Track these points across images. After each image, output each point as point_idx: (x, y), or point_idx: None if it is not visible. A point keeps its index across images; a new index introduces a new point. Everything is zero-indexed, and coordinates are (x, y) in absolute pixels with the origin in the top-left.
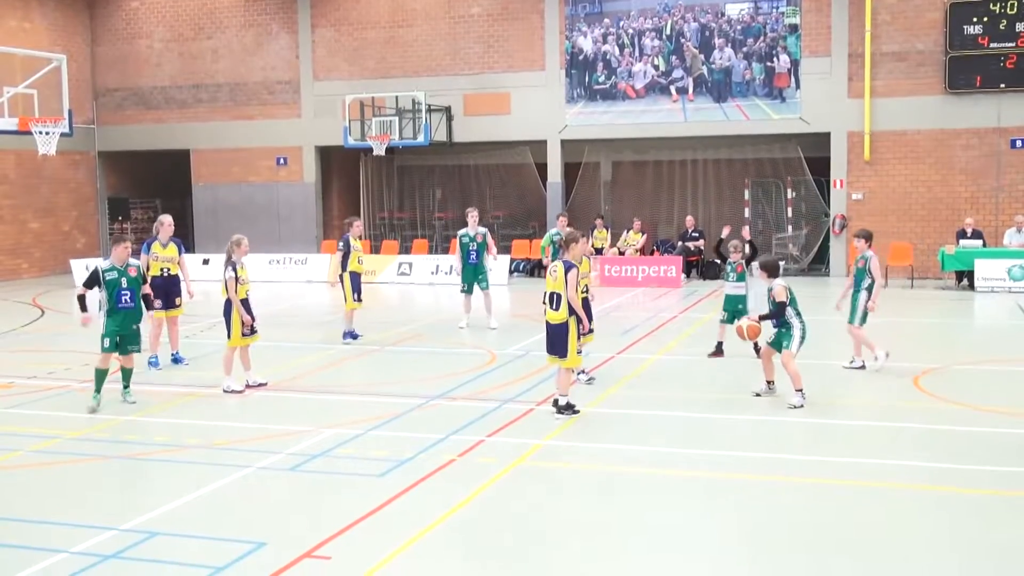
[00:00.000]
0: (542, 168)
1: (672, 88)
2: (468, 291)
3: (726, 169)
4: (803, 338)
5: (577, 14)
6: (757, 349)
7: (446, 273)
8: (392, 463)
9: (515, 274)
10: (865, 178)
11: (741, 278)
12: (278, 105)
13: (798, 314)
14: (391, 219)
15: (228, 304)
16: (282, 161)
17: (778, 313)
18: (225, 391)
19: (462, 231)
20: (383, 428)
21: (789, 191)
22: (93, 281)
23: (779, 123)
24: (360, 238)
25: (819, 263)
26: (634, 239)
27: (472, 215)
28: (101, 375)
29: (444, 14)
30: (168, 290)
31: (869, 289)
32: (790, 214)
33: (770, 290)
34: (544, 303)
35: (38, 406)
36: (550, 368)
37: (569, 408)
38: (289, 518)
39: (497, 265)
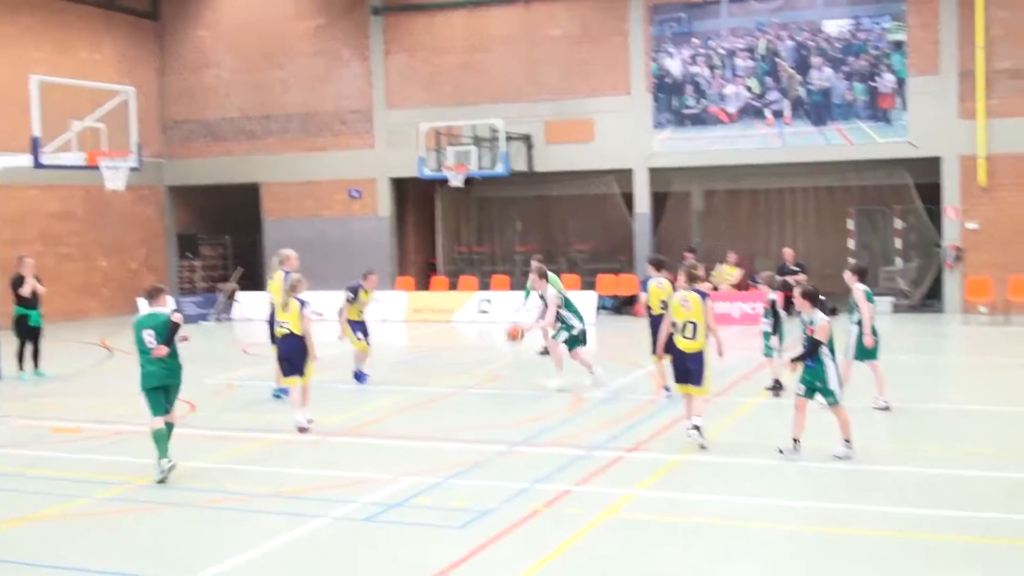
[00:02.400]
0: (628, 198)
1: (767, 111)
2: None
3: (827, 197)
4: (839, 380)
5: (664, 34)
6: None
7: (528, 311)
8: (473, 514)
9: (601, 311)
10: (981, 206)
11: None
12: (350, 135)
13: (834, 353)
14: (469, 253)
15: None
16: (355, 194)
17: (810, 352)
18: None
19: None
20: (463, 476)
21: (897, 220)
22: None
23: (884, 147)
24: (373, 290)
25: (933, 298)
26: (729, 273)
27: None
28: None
29: (523, 37)
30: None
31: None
32: (899, 245)
33: (810, 323)
34: (676, 333)
35: (106, 451)
36: (641, 412)
37: (697, 430)
38: (366, 571)
39: (582, 301)
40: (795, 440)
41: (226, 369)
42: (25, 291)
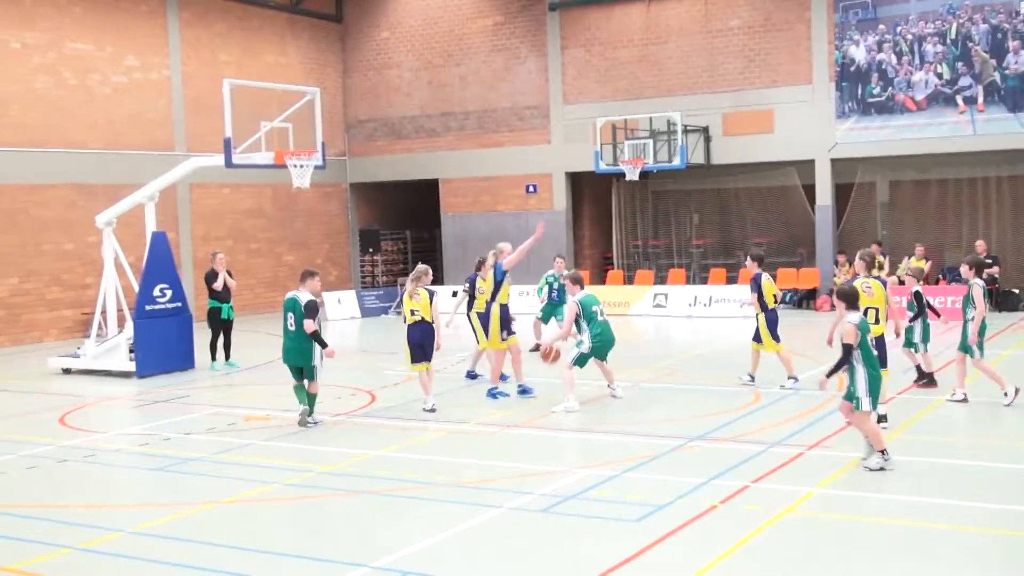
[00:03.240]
0: (809, 190)
1: (958, 98)
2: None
3: (1023, 187)
4: (873, 388)
5: (848, 21)
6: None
7: (705, 305)
8: (649, 508)
9: (781, 305)
10: None
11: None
12: (527, 131)
13: (866, 358)
14: (645, 247)
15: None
16: (532, 189)
17: (843, 359)
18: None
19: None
20: (639, 470)
21: None
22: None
23: None
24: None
25: None
26: (916, 266)
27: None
28: None
29: (700, 29)
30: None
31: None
32: None
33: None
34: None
35: (293, 439)
36: (823, 408)
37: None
38: (542, 562)
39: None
40: (881, 452)
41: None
42: (218, 285)
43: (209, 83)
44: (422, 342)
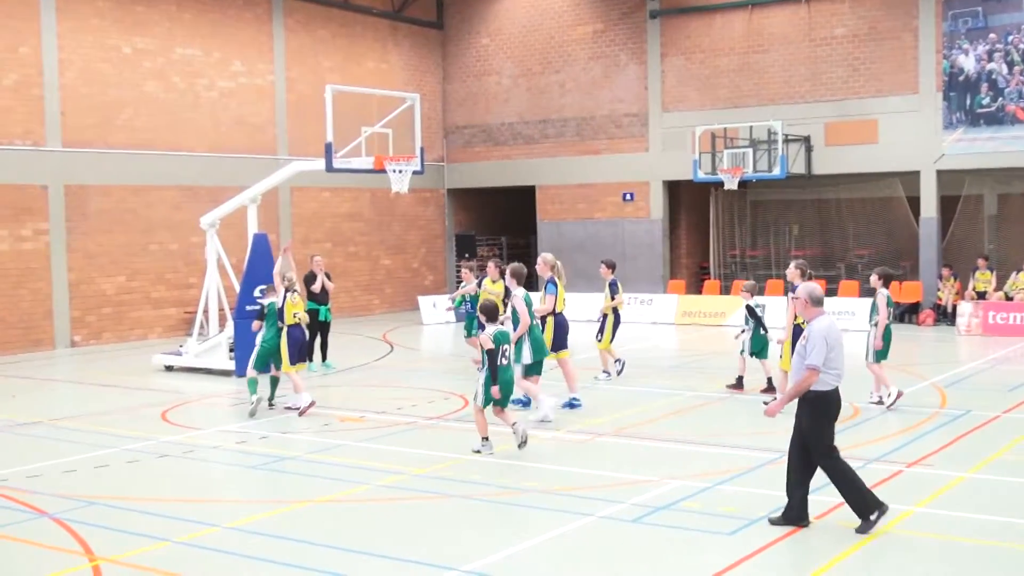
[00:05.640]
0: (914, 202)
1: None
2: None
3: None
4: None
5: (958, 30)
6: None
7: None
8: (742, 521)
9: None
10: None
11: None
12: (625, 139)
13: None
14: (742, 257)
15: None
16: (628, 197)
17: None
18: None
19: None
20: (732, 482)
21: None
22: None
23: None
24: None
25: None
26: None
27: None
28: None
29: (804, 37)
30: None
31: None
32: None
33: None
34: None
35: (386, 441)
36: (925, 425)
37: None
38: (631, 573)
39: (862, 308)
40: None
41: None
42: (316, 287)
43: (311, 88)
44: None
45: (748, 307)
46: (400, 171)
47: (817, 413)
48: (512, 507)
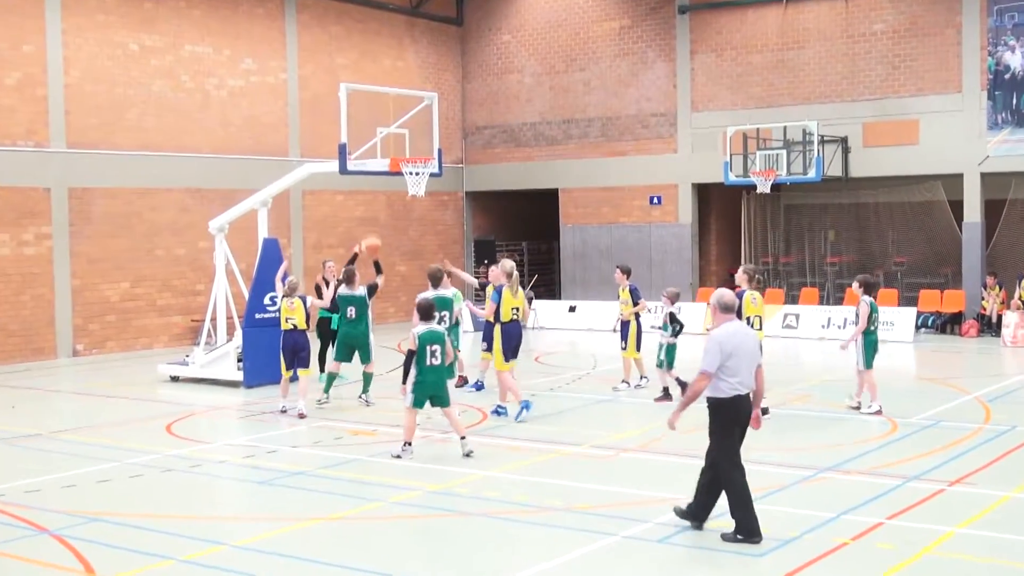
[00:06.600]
0: (956, 206)
1: None
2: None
3: None
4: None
5: (1004, 26)
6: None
7: (839, 327)
8: (775, 542)
9: (922, 330)
10: None
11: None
12: (652, 139)
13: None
14: (775, 264)
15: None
16: (656, 200)
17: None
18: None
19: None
20: (765, 501)
21: None
22: None
23: None
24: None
25: None
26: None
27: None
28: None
29: (841, 33)
30: None
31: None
32: None
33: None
34: None
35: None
36: (967, 442)
37: None
38: None
39: (900, 318)
40: None
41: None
42: (326, 297)
43: (325, 87)
44: (295, 349)
45: (670, 314)
46: (417, 173)
47: (718, 419)
48: (533, 526)
